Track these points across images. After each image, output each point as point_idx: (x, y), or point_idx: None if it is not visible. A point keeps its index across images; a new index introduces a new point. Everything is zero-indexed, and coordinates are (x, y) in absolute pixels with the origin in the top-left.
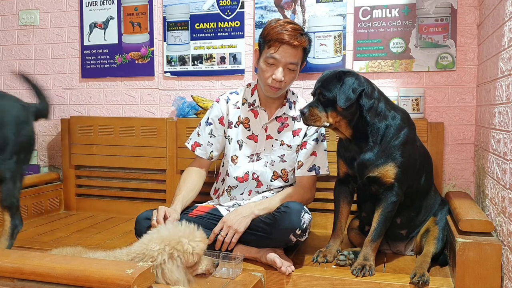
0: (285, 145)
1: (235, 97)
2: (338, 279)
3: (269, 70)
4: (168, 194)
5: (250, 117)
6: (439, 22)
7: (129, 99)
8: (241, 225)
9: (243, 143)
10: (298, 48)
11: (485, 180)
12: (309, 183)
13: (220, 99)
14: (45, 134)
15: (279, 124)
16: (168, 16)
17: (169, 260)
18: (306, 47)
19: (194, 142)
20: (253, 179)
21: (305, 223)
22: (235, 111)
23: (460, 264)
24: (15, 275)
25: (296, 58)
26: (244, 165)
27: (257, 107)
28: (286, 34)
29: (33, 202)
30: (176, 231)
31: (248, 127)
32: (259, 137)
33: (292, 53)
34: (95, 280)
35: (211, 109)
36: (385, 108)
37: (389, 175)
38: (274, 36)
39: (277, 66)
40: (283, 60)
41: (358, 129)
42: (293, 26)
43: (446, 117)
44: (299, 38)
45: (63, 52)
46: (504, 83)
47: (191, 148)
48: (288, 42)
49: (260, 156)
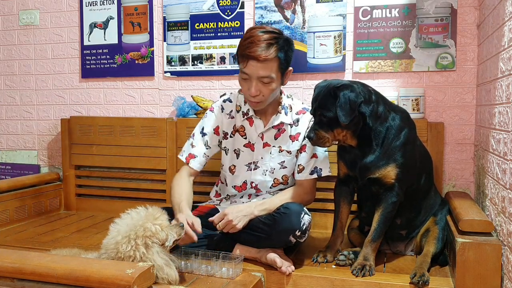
0: (284, 151)
1: (229, 105)
2: (338, 279)
3: (245, 84)
4: (168, 194)
5: (246, 125)
6: (439, 22)
7: (129, 99)
8: (240, 223)
9: (240, 152)
10: (267, 61)
11: (485, 180)
12: (310, 185)
13: (214, 108)
14: (45, 134)
15: (276, 131)
16: (168, 16)
17: (147, 251)
18: (279, 56)
19: (188, 154)
20: (251, 188)
21: (305, 224)
22: (229, 121)
23: (460, 264)
24: (15, 275)
25: (267, 71)
26: (242, 174)
27: (252, 116)
28: (252, 48)
29: (33, 202)
30: (135, 221)
31: (244, 135)
32: (255, 146)
33: (261, 66)
34: (95, 280)
35: (205, 118)
36: (384, 110)
37: (390, 175)
38: (241, 51)
39: (251, 80)
40: (254, 75)
41: (363, 137)
42: (265, 37)
43: (446, 117)
44: (267, 51)
45: (63, 52)
46: (504, 83)
47: (186, 160)
48: (254, 57)
49: (258, 165)
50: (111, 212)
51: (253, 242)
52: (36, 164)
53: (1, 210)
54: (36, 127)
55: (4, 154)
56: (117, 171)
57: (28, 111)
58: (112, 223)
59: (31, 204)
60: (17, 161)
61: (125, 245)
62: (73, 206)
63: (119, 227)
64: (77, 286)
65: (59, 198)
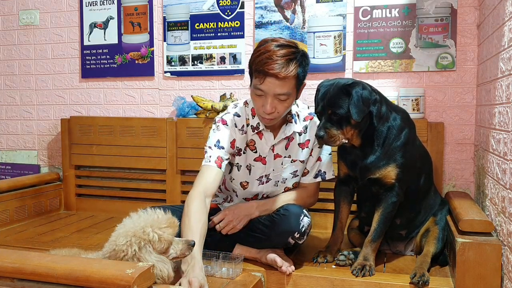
0: (297, 161)
1: (239, 120)
2: (338, 279)
3: (259, 100)
4: (168, 194)
5: (255, 139)
6: (439, 22)
7: (129, 99)
8: (241, 223)
9: (251, 167)
10: (287, 79)
11: (485, 180)
12: (313, 188)
13: (227, 121)
14: (45, 134)
15: (286, 141)
16: (168, 16)
17: (139, 250)
18: (298, 73)
19: (216, 157)
20: (262, 198)
21: (304, 226)
22: (242, 137)
23: (460, 264)
24: (15, 275)
25: (285, 89)
26: (254, 188)
27: (262, 130)
28: (271, 65)
29: (33, 202)
30: (140, 221)
31: (255, 149)
32: (267, 159)
33: (279, 84)
34: (95, 280)
35: (218, 132)
36: (386, 110)
37: (390, 176)
38: (258, 67)
39: (266, 97)
40: (271, 92)
41: (366, 137)
42: (282, 52)
43: (446, 117)
44: (287, 68)
45: (63, 52)
46: (504, 83)
47: (217, 164)
48: (273, 74)
49: (270, 177)
50: (111, 212)
51: (253, 243)
52: (36, 164)
53: (1, 210)
54: (36, 127)
55: (4, 154)
56: (117, 171)
57: (28, 111)
58: (126, 217)
59: (31, 204)
60: (17, 161)
61: (122, 239)
62: (73, 206)
63: (126, 223)
64: (77, 286)
65: (59, 198)
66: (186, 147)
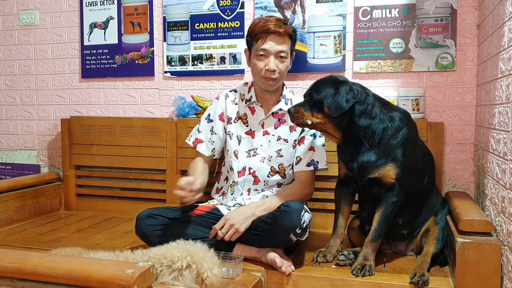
0: (282, 139)
1: (233, 94)
2: (338, 279)
3: (262, 62)
4: (168, 194)
5: (248, 113)
6: (439, 22)
7: (129, 99)
8: (242, 226)
9: (241, 138)
10: (285, 35)
11: (485, 180)
12: (307, 178)
13: (219, 96)
14: (45, 134)
15: (276, 120)
16: (168, 16)
17: (185, 269)
18: (292, 34)
19: (195, 138)
20: (249, 174)
21: (305, 222)
22: (233, 107)
23: (460, 264)
24: (15, 275)
25: (284, 45)
26: (243, 160)
27: (254, 103)
28: (271, 24)
29: (33, 202)
30: (203, 251)
31: (246, 122)
32: (256, 133)
33: (279, 40)
34: (95, 280)
35: (211, 106)
36: (379, 112)
37: (390, 175)
38: (259, 29)
39: (268, 56)
40: (273, 50)
41: (349, 133)
42: (276, 17)
43: (446, 117)
44: (284, 26)
45: (63, 52)
46: (504, 83)
47: (193, 144)
48: (274, 30)
49: (257, 152)
50: (111, 212)
51: (254, 241)
52: (36, 164)
53: (1, 210)
54: (36, 127)
55: (4, 154)
56: (117, 171)
57: (28, 111)
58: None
59: (31, 204)
60: (17, 161)
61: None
62: (73, 206)
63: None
64: (77, 286)
65: (59, 198)
66: (186, 147)
